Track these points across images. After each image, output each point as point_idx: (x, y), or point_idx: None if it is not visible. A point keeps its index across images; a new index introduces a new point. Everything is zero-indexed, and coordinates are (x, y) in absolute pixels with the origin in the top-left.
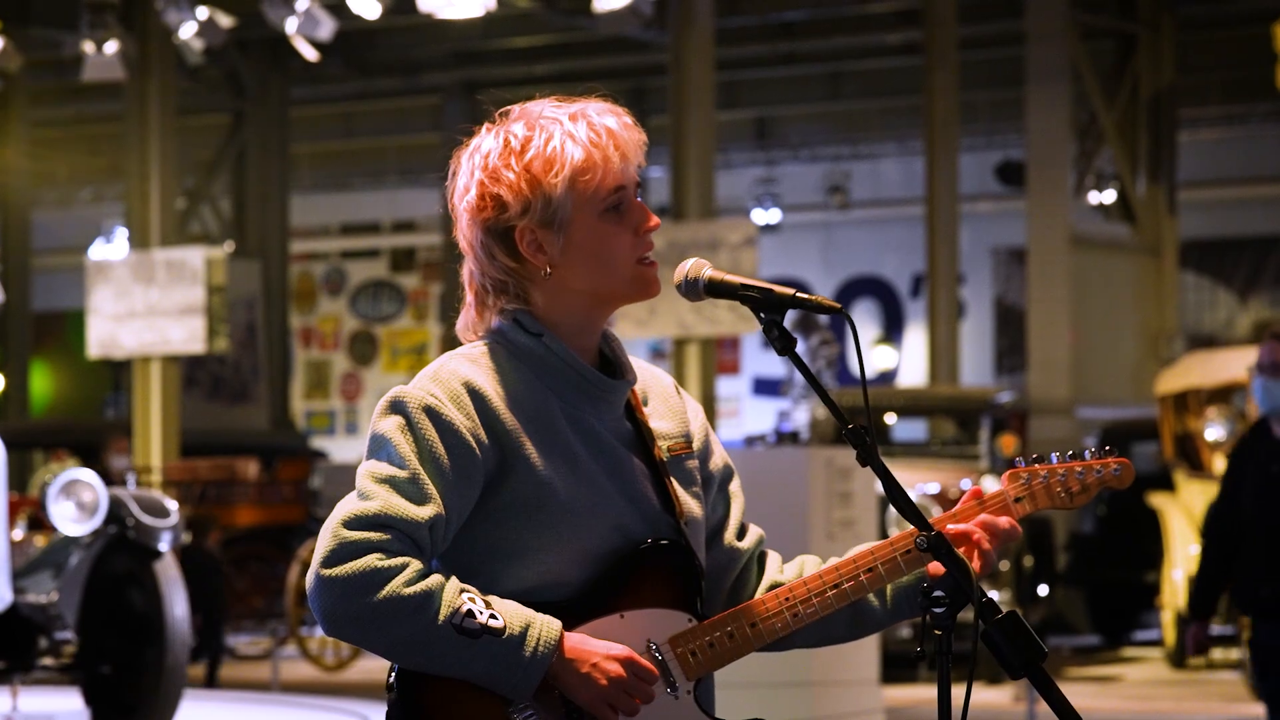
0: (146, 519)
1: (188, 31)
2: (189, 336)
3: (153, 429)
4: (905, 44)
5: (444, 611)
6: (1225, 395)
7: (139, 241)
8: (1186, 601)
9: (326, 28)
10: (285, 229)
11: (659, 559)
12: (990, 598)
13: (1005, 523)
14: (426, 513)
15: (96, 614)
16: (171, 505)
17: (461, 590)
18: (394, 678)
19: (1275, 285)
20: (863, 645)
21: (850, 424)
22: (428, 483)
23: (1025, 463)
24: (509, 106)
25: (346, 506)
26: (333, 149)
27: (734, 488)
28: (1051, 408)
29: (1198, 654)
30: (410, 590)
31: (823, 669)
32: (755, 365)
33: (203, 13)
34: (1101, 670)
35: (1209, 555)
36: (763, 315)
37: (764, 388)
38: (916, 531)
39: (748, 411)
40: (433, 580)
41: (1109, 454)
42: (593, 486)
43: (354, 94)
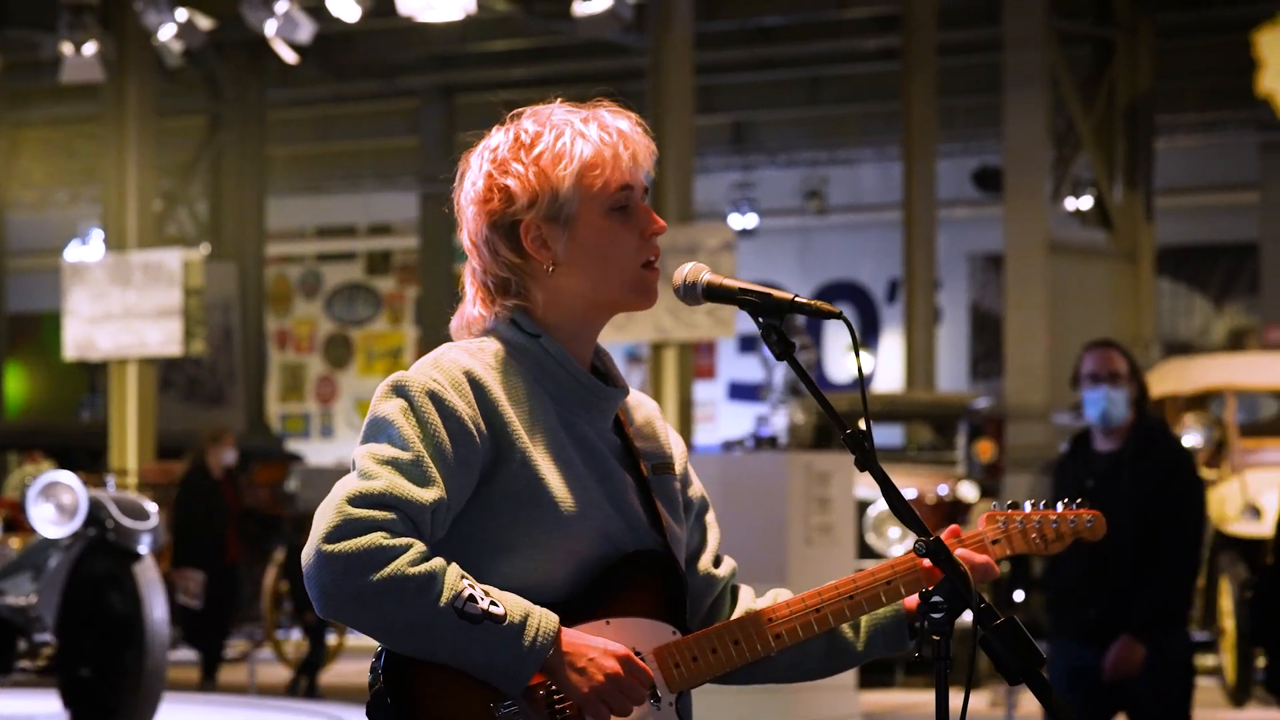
0: (126, 521)
1: (167, 33)
2: (166, 339)
3: (129, 431)
4: (883, 50)
5: (446, 594)
6: (1202, 402)
7: (115, 243)
8: None
9: (306, 30)
10: (262, 231)
11: (646, 569)
12: (988, 603)
13: (981, 559)
14: (430, 496)
15: (76, 616)
16: (151, 508)
17: (462, 576)
18: (379, 668)
19: (1250, 292)
20: None
21: (848, 429)
22: (431, 466)
23: (1000, 507)
24: (521, 108)
25: (349, 485)
26: (309, 152)
27: (710, 518)
28: (1028, 414)
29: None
30: (414, 570)
31: None
32: (731, 370)
33: (182, 14)
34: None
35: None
36: (761, 319)
37: (740, 393)
38: (896, 565)
39: (723, 416)
40: (436, 563)
41: (1080, 507)
42: (583, 490)
43: (331, 97)
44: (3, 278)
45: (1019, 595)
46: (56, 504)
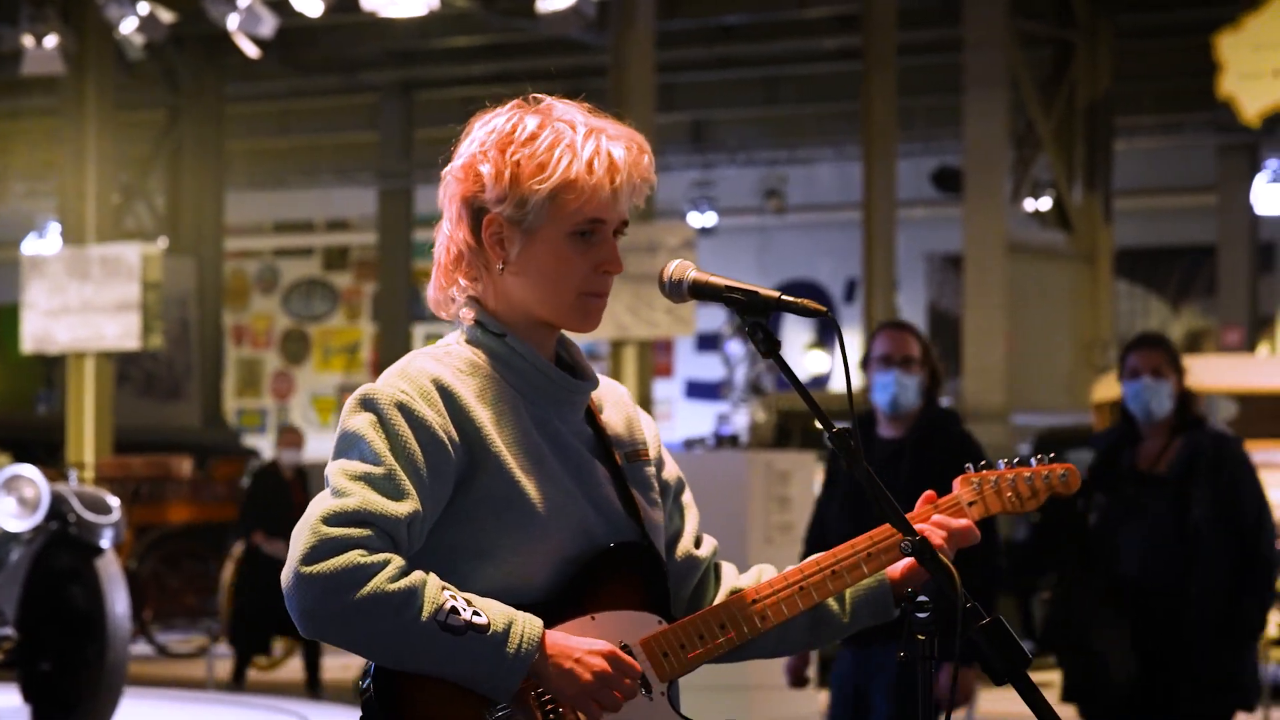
0: (88, 515)
1: (129, 26)
2: (124, 333)
3: (86, 425)
4: (843, 49)
5: (428, 608)
6: None
7: (74, 237)
8: None
9: (268, 25)
10: (220, 226)
11: (626, 561)
12: (974, 603)
13: (961, 524)
14: (404, 509)
15: (37, 610)
16: (114, 502)
17: (443, 588)
18: (369, 678)
19: (1207, 294)
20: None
21: (835, 428)
22: (404, 479)
23: (974, 469)
24: (542, 95)
25: (323, 504)
26: (268, 146)
27: (687, 499)
28: (986, 414)
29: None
30: (394, 587)
31: (760, 673)
32: (688, 368)
33: (144, 8)
34: (1035, 676)
35: None
36: (747, 318)
37: (697, 391)
38: (874, 536)
39: (680, 414)
40: (415, 577)
41: (1053, 461)
42: (559, 488)
43: (290, 92)
44: None
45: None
46: (18, 498)
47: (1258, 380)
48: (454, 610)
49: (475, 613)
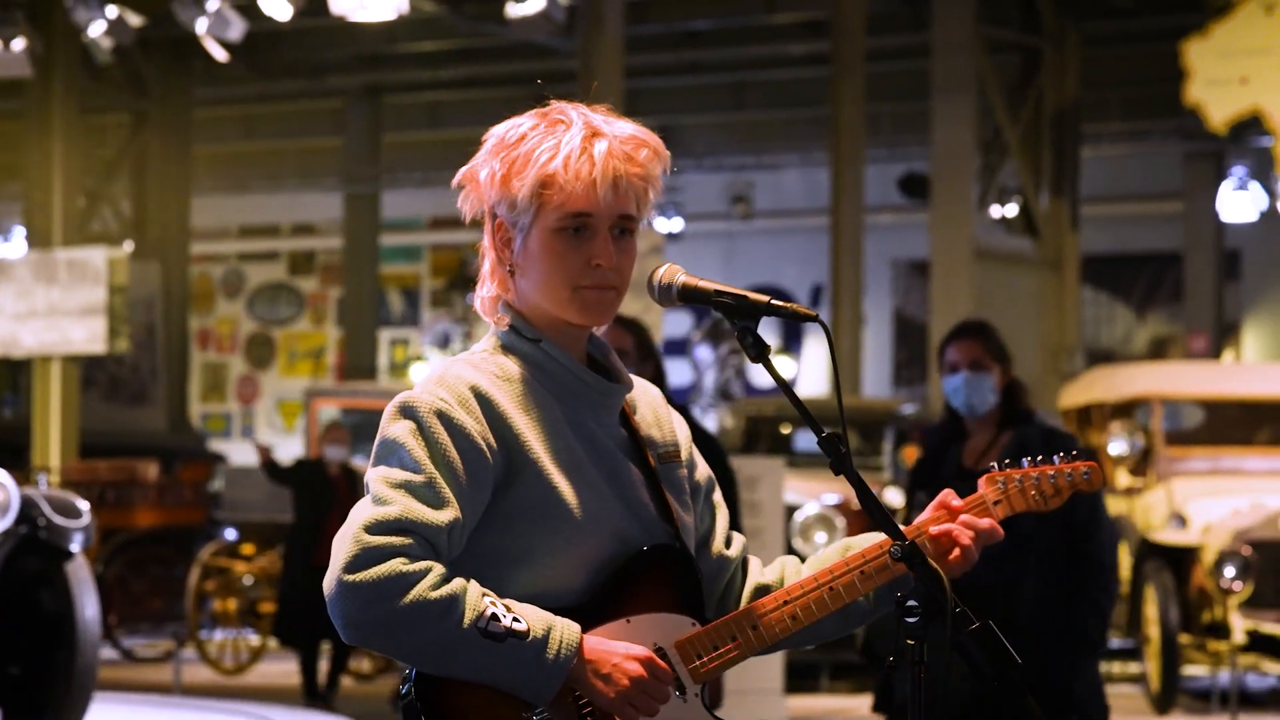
0: (58, 519)
1: (97, 30)
2: (90, 336)
3: (52, 429)
4: (810, 55)
5: (469, 615)
6: (1128, 410)
7: (40, 240)
8: None
9: (237, 28)
10: (185, 230)
11: (660, 564)
12: (964, 607)
13: (986, 523)
14: (445, 517)
15: (6, 614)
16: (83, 506)
17: (483, 594)
18: (410, 684)
19: (1172, 301)
20: (767, 656)
21: (824, 433)
22: (444, 487)
23: (999, 467)
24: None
25: (364, 512)
26: (234, 151)
27: (717, 498)
28: None
29: None
30: (436, 595)
31: (728, 677)
32: None
33: (112, 11)
34: None
35: None
36: (736, 322)
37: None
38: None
39: None
40: (456, 584)
41: (1077, 458)
42: (595, 493)
43: (256, 96)
44: None
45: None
46: None
47: (1223, 387)
48: (494, 617)
49: (515, 619)
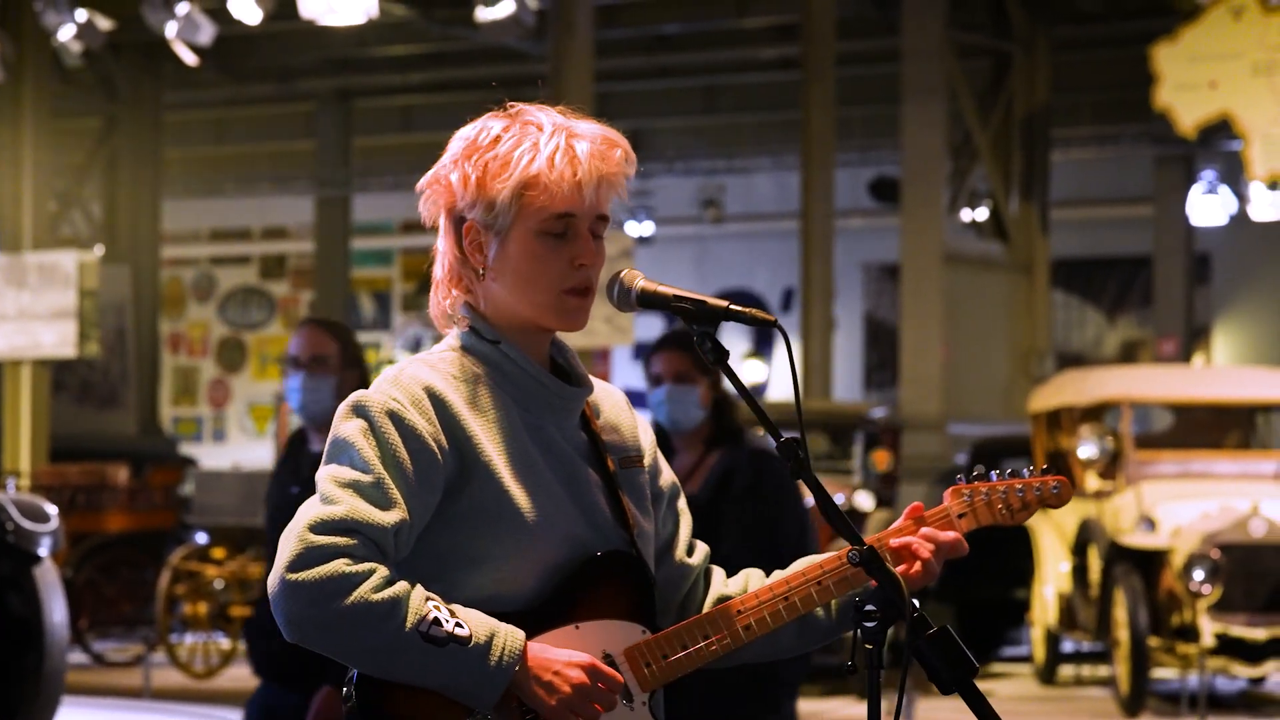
0: (26, 524)
1: (66, 34)
2: (60, 340)
3: (22, 433)
4: (781, 59)
5: (411, 619)
6: (1098, 414)
7: (9, 244)
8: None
9: (206, 32)
10: (156, 234)
11: (613, 570)
12: (922, 612)
13: (949, 536)
14: (392, 518)
15: None
16: (52, 510)
17: (427, 598)
18: (353, 686)
19: (1142, 305)
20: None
21: (783, 437)
22: (392, 487)
23: (966, 480)
24: (519, 105)
25: (311, 511)
26: (205, 154)
27: (681, 505)
28: (923, 424)
29: None
30: (378, 596)
31: None
32: (625, 377)
33: (82, 15)
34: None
35: None
36: (695, 327)
37: (635, 400)
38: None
39: None
40: (400, 587)
41: (1047, 473)
42: (549, 497)
43: (227, 99)
44: None
45: (914, 604)
46: None
47: (1193, 391)
48: (437, 621)
49: (458, 624)
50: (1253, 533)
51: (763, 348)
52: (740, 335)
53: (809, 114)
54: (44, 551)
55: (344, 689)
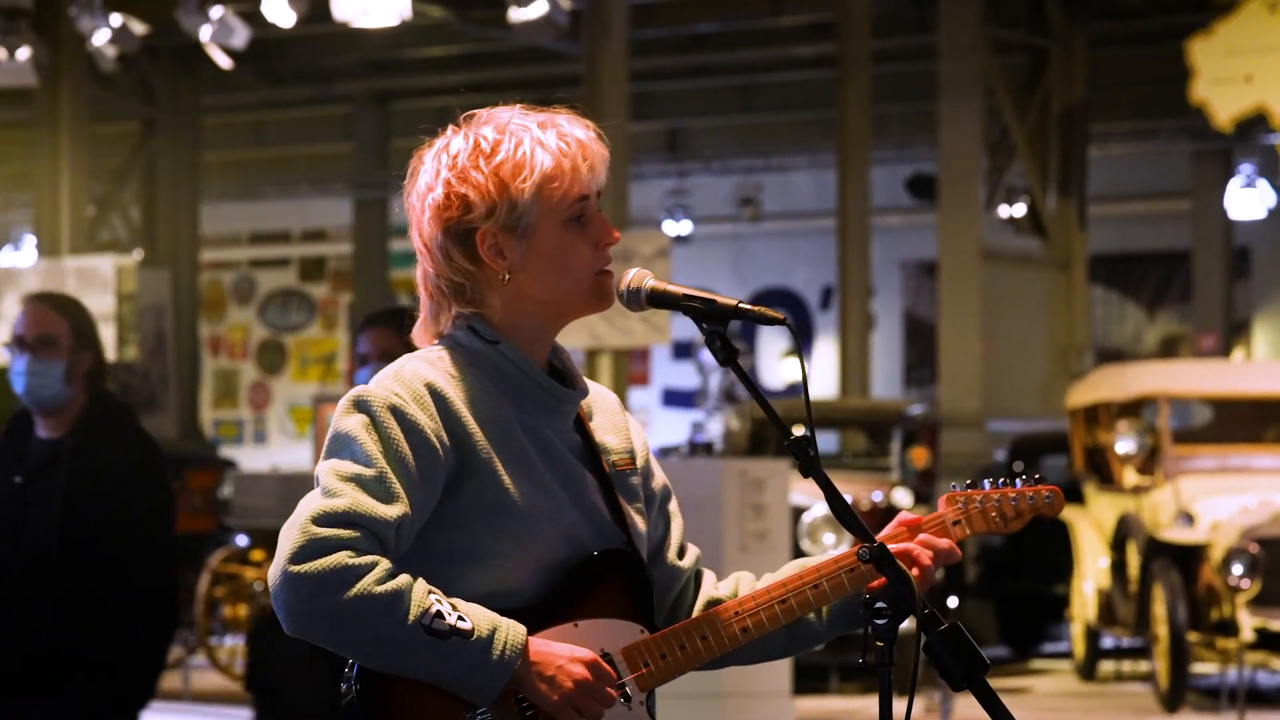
0: None
1: (101, 39)
2: None
3: None
4: (817, 57)
5: (414, 612)
6: (1135, 409)
7: (48, 249)
8: None
9: (241, 35)
10: (195, 237)
11: (612, 569)
12: (933, 609)
13: (945, 544)
14: (394, 512)
15: None
16: None
17: (429, 592)
18: (353, 679)
19: (1182, 299)
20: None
21: (791, 434)
22: (394, 482)
23: (960, 488)
24: (475, 111)
25: (313, 503)
26: (243, 157)
27: (673, 507)
28: (962, 420)
29: None
30: (381, 589)
31: (735, 680)
32: (665, 377)
33: (116, 20)
34: (1010, 682)
35: None
36: (705, 326)
37: (674, 399)
38: (857, 549)
39: (658, 423)
40: (402, 580)
41: (1039, 483)
42: (548, 495)
43: (265, 102)
44: None
45: (953, 601)
46: None
47: (1232, 385)
48: (439, 614)
49: (460, 618)
50: None
51: (803, 346)
52: (779, 334)
53: (845, 112)
54: None
55: (343, 683)
